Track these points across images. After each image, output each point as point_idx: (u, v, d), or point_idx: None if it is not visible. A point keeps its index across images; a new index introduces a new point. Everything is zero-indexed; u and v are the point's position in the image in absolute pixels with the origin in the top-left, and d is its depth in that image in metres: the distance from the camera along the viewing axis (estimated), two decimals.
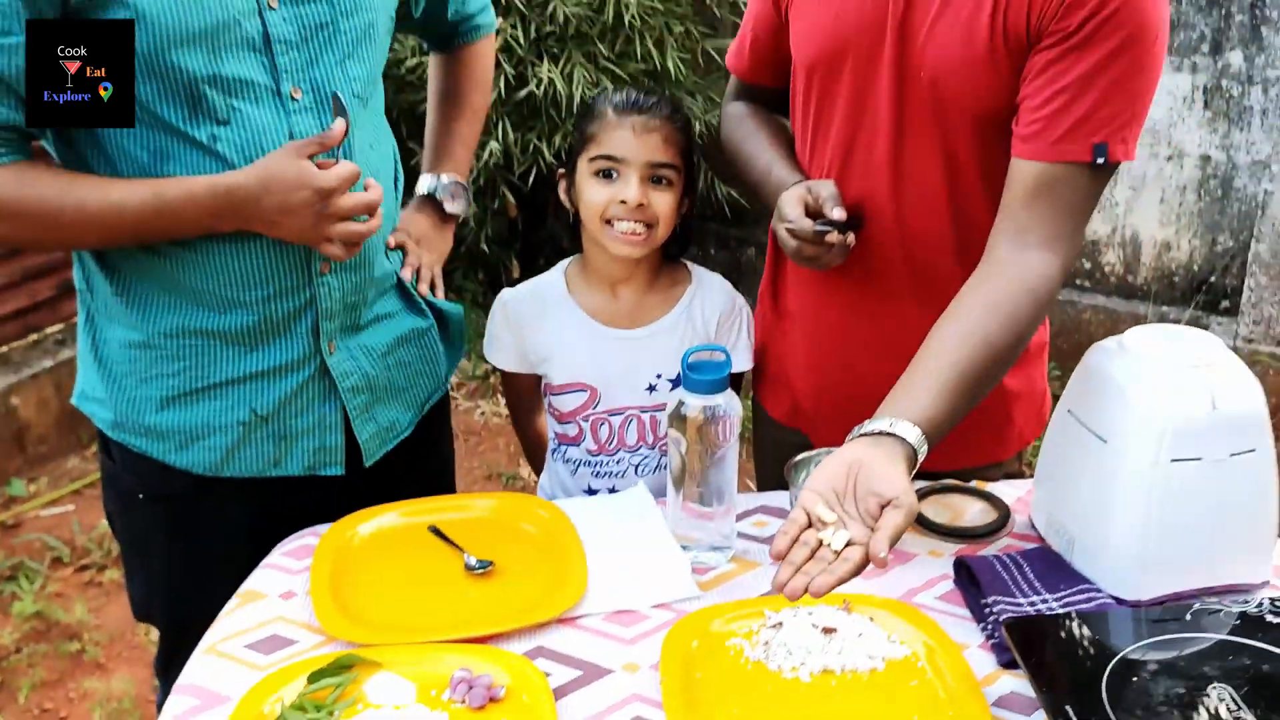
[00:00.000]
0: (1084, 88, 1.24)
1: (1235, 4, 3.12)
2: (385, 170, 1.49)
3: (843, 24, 1.37)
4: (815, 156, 1.46)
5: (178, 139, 1.29)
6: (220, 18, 1.26)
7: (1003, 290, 1.25)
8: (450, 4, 1.62)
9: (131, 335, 1.40)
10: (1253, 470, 1.21)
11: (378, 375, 1.49)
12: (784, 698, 1.11)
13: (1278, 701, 1.02)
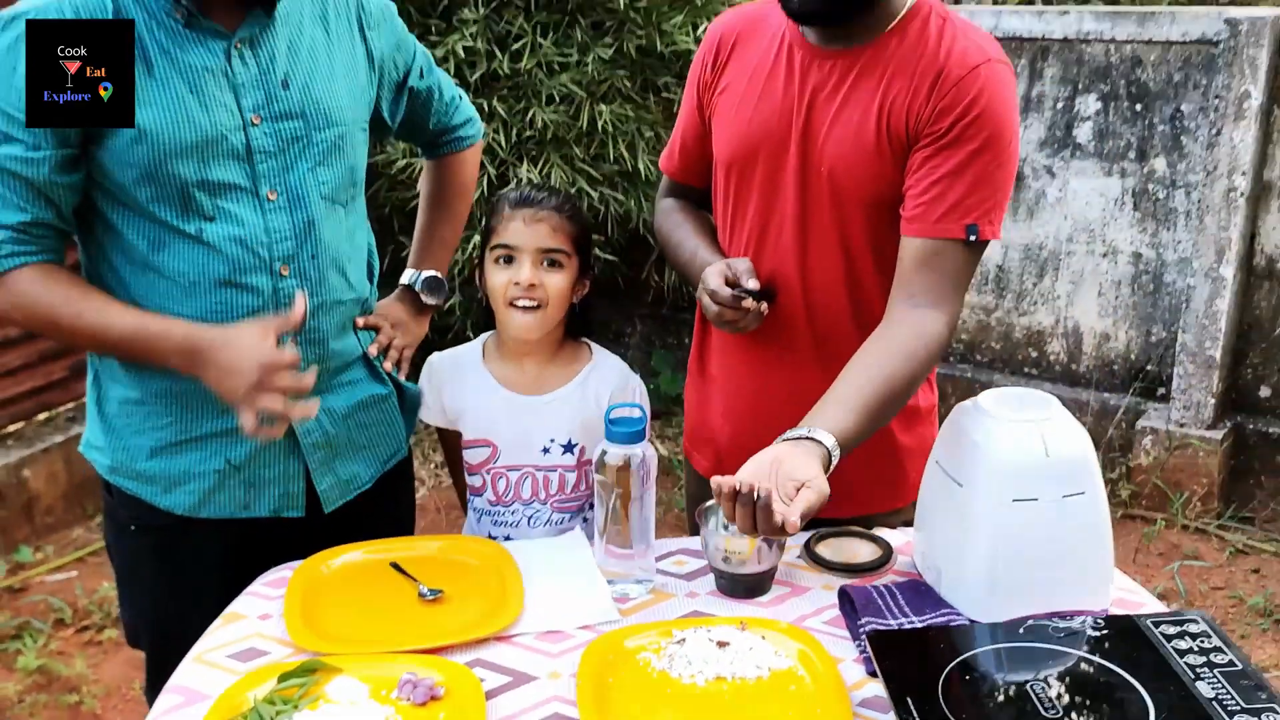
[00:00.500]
0: (955, 179, 1.50)
1: (1157, 115, 3.41)
2: (358, 260, 1.72)
3: (754, 129, 1.62)
4: (734, 240, 1.70)
5: (171, 232, 1.52)
6: (210, 134, 1.50)
7: (900, 338, 1.50)
8: (430, 118, 1.85)
9: (129, 393, 1.62)
10: (1084, 510, 1.41)
11: (338, 434, 1.70)
12: (681, 700, 1.30)
13: (1086, 695, 1.22)
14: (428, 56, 1.84)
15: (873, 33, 1.54)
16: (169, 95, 1.48)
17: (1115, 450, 3.54)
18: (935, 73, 1.49)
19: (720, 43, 1.69)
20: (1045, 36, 3.53)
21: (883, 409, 1.48)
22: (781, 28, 1.62)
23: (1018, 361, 3.80)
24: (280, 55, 1.56)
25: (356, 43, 1.66)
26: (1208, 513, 3.35)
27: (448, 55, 3.24)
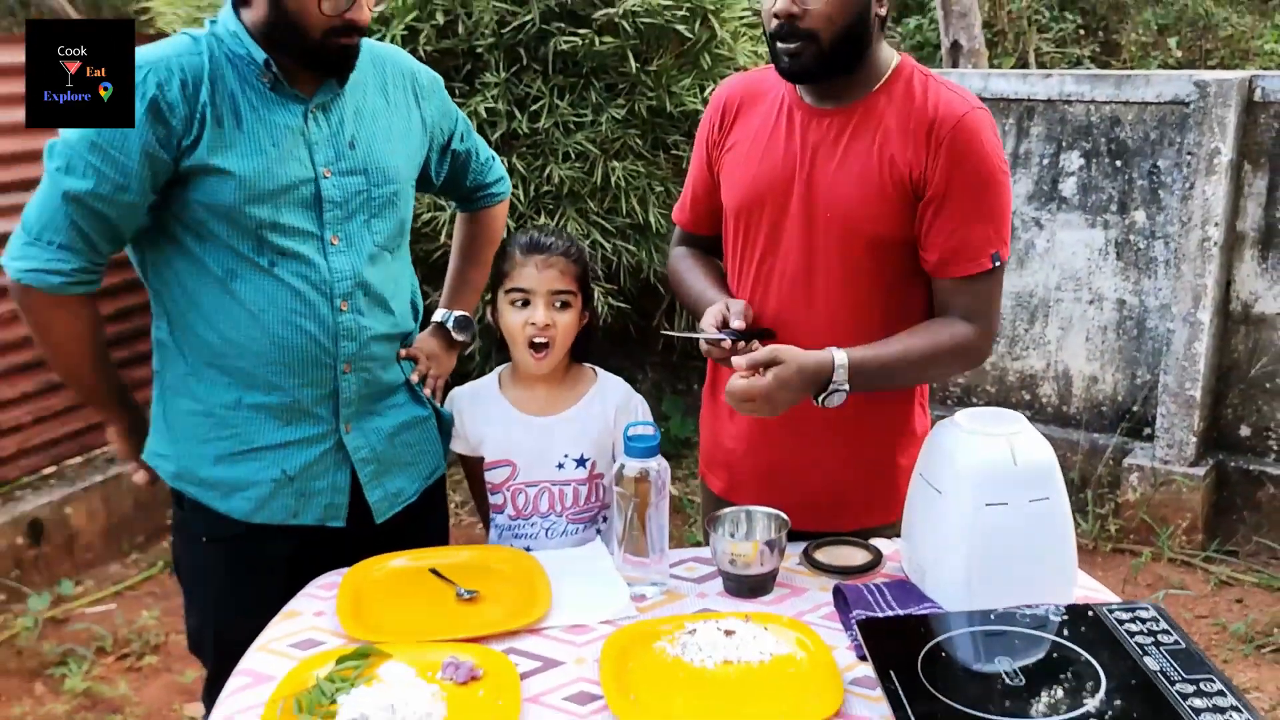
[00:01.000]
0: (972, 221, 1.71)
1: (1136, 170, 3.63)
2: (403, 298, 1.92)
3: (761, 179, 1.80)
4: (742, 279, 1.87)
5: (244, 262, 1.72)
6: (286, 183, 1.71)
7: (929, 327, 1.76)
8: (468, 177, 2.06)
9: (195, 406, 1.80)
10: (1049, 513, 1.59)
11: (385, 450, 1.88)
12: (692, 680, 1.47)
13: (1045, 668, 1.40)
14: (468, 123, 2.06)
15: (862, 91, 1.74)
16: (254, 147, 1.68)
17: (1104, 487, 3.71)
18: (928, 124, 1.68)
19: (726, 105, 1.87)
20: (1030, 98, 3.76)
21: (898, 366, 1.72)
22: (781, 91, 1.81)
23: (1011, 404, 3.98)
24: (349, 119, 1.77)
25: (412, 110, 1.87)
26: (1192, 546, 3.51)
27: (471, 115, 3.47)
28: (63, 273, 1.68)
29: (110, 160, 1.62)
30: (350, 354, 1.79)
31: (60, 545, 3.53)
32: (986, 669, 1.42)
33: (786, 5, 1.64)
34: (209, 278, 1.73)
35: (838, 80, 1.72)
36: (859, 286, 1.78)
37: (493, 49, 3.48)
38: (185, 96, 1.63)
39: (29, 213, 1.69)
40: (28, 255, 1.68)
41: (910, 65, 1.77)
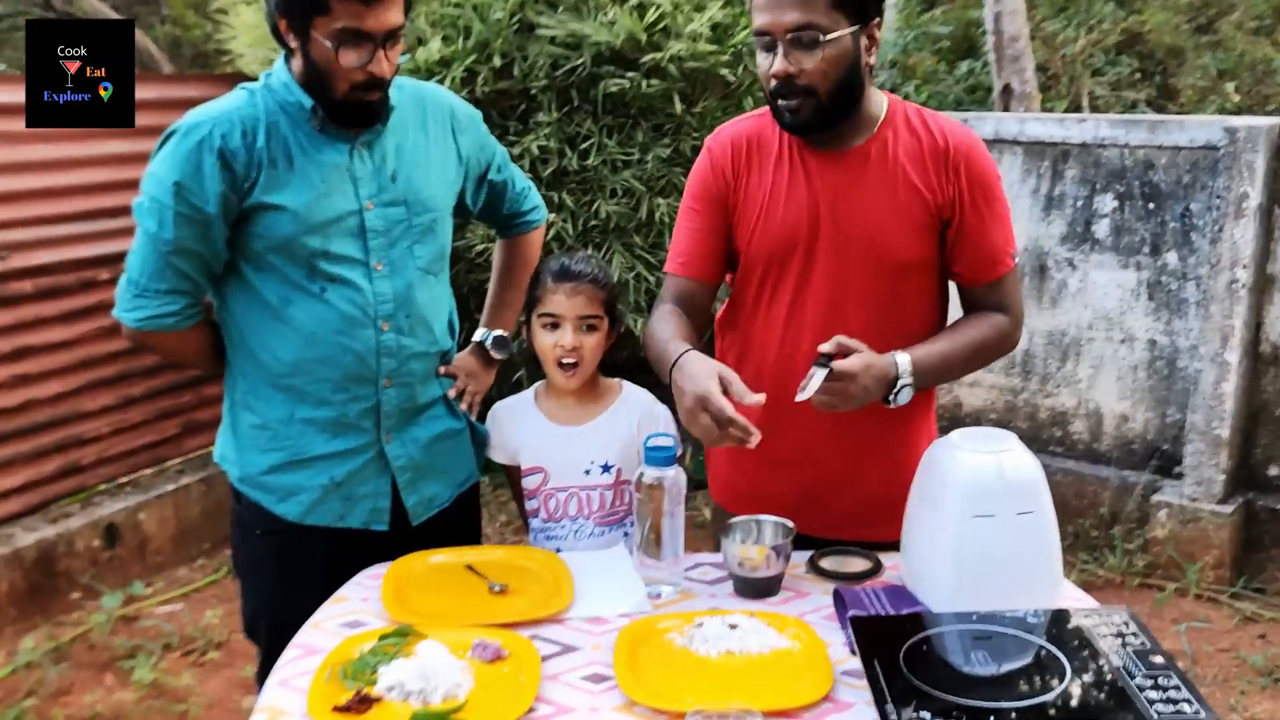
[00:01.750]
0: (991, 230, 1.89)
1: (1169, 213, 3.72)
2: (442, 319, 2.09)
3: (788, 223, 1.88)
4: (769, 319, 1.93)
5: (298, 290, 1.92)
6: (334, 215, 1.90)
7: (970, 322, 1.95)
8: (504, 205, 2.23)
9: (255, 420, 2.00)
10: (1034, 525, 1.71)
11: (422, 459, 2.06)
12: (697, 667, 1.61)
13: (1016, 660, 1.52)
14: (505, 155, 2.23)
15: (865, 132, 1.87)
16: (305, 184, 1.88)
17: (1133, 523, 3.78)
18: (941, 152, 1.84)
19: (734, 151, 1.94)
20: (1065, 141, 3.87)
21: (952, 356, 1.90)
22: (785, 140, 1.91)
23: (1043, 440, 4.07)
24: (390, 155, 1.96)
25: (449, 144, 2.05)
26: (1220, 582, 3.56)
27: (524, 153, 3.68)
28: (173, 313, 1.91)
29: (193, 208, 1.83)
30: (391, 370, 1.98)
31: (133, 548, 3.77)
32: (963, 662, 1.55)
33: (784, 66, 1.75)
34: (265, 306, 1.93)
35: (839, 127, 1.85)
36: (889, 309, 1.91)
37: (546, 90, 3.68)
38: (245, 144, 1.84)
39: (131, 267, 1.90)
40: (139, 305, 1.90)
41: (899, 103, 1.91)
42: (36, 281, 3.57)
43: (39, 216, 3.56)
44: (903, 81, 7.54)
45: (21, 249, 3.53)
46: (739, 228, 1.95)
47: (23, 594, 3.44)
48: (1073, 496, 3.95)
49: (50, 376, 3.61)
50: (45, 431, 3.63)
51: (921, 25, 8.37)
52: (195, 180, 1.82)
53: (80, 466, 3.75)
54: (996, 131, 4.01)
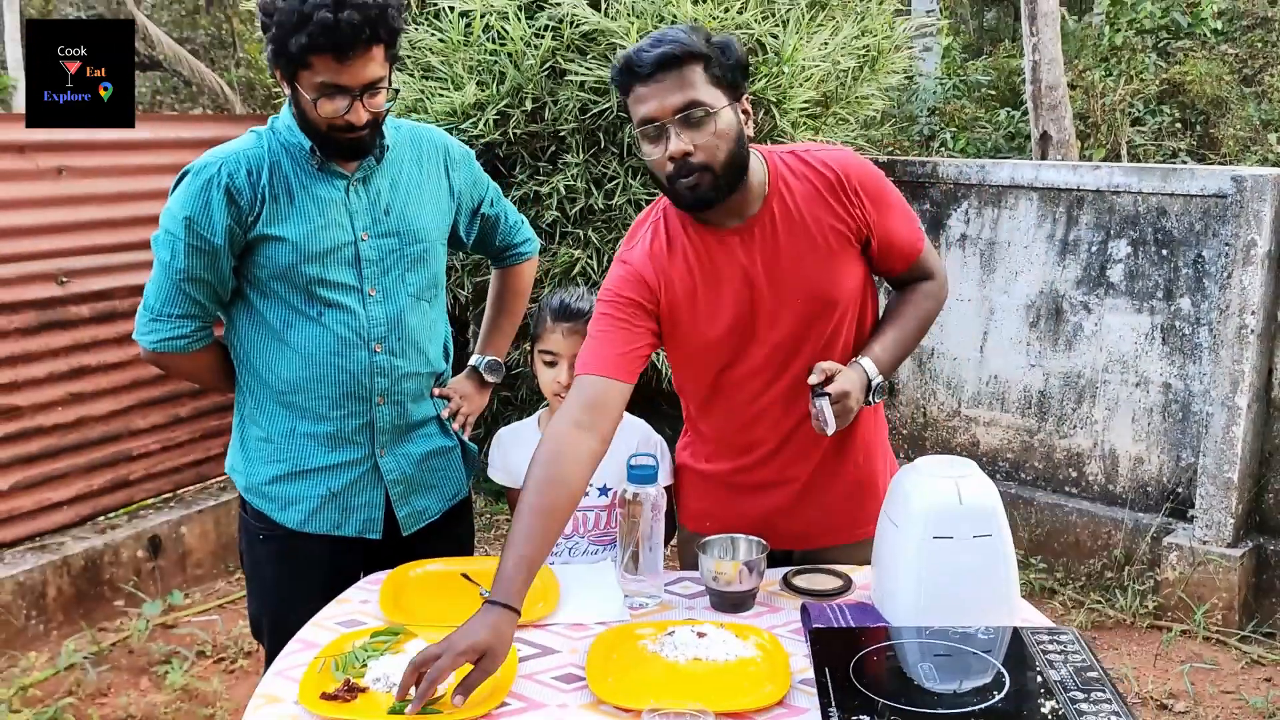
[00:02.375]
0: (900, 225, 2.02)
1: (1181, 259, 3.78)
2: (436, 342, 2.23)
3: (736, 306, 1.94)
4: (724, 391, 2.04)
5: (297, 314, 2.08)
6: (331, 246, 2.06)
7: (905, 298, 2.10)
8: (497, 237, 2.38)
9: (261, 433, 2.16)
10: (991, 548, 1.80)
11: (414, 474, 2.20)
12: (665, 671, 1.72)
13: (958, 670, 1.62)
14: (498, 191, 2.37)
15: (759, 198, 1.93)
16: (304, 217, 2.04)
17: (1144, 564, 3.80)
18: (833, 183, 1.94)
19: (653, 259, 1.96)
20: (1080, 188, 3.96)
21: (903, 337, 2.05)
22: (690, 231, 1.95)
23: (1059, 480, 4.12)
24: (384, 189, 2.11)
25: (441, 179, 2.20)
26: (1229, 625, 3.58)
27: (552, 191, 3.85)
28: (185, 336, 2.09)
29: (203, 240, 2.00)
30: (383, 389, 2.13)
31: (175, 560, 3.96)
32: (911, 673, 1.65)
33: (679, 146, 1.80)
34: (268, 328, 2.09)
35: (735, 198, 1.90)
36: (836, 338, 2.01)
37: (574, 133, 3.85)
38: (250, 182, 2.01)
39: (148, 294, 2.09)
40: (155, 329, 2.08)
41: (772, 155, 1.97)
42: (94, 306, 3.79)
43: (97, 245, 3.78)
44: (942, 128, 7.65)
45: (80, 275, 3.76)
46: (678, 330, 1.99)
47: (69, 599, 3.64)
48: (1087, 537, 3.99)
49: (104, 395, 3.83)
50: (97, 447, 3.85)
51: (963, 74, 8.48)
52: (204, 215, 1.99)
53: (129, 481, 3.96)
54: (1012, 178, 4.11)
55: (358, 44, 1.89)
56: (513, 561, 1.71)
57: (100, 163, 3.78)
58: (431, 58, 3.90)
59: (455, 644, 1.60)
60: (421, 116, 3.84)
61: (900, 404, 4.53)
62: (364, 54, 1.91)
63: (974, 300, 4.27)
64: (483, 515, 4.54)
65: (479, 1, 3.83)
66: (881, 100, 4.71)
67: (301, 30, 1.87)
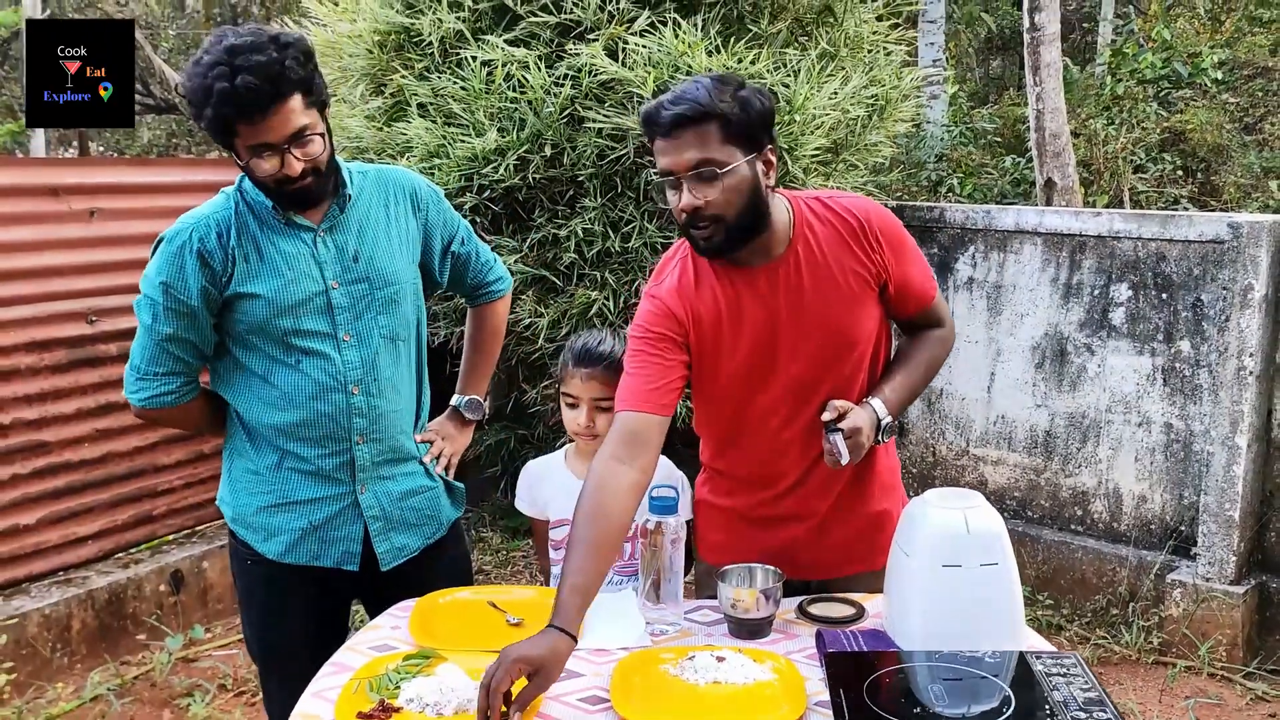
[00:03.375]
0: (914, 271, 2.11)
1: (1181, 303, 3.88)
2: (410, 379, 2.30)
3: (759, 341, 2.04)
4: (745, 425, 2.12)
5: (276, 363, 2.16)
6: (303, 297, 2.14)
7: (916, 344, 2.21)
8: (469, 275, 2.43)
9: (249, 465, 2.24)
10: (997, 576, 1.88)
11: (393, 511, 2.26)
12: (685, 694, 1.79)
13: (965, 693, 1.69)
14: (469, 229, 2.42)
15: (785, 240, 2.02)
16: (275, 272, 2.12)
17: (1149, 601, 3.86)
18: (858, 229, 2.04)
19: (681, 294, 2.05)
20: (1082, 233, 4.06)
21: (913, 381, 2.16)
22: (717, 269, 2.04)
23: (1065, 519, 4.19)
24: (352, 237, 2.19)
25: (410, 220, 2.27)
26: (1233, 661, 3.63)
27: (570, 235, 3.96)
28: (170, 392, 2.18)
29: (180, 303, 2.09)
30: (362, 429, 2.20)
31: (196, 595, 4.03)
32: (920, 694, 1.72)
33: (690, 201, 1.90)
34: (251, 376, 2.18)
35: (756, 243, 2.00)
36: (853, 379, 2.10)
37: (592, 178, 3.97)
38: (221, 244, 2.09)
39: (133, 354, 2.18)
40: (142, 387, 2.18)
41: (798, 199, 2.07)
42: (121, 344, 3.90)
43: (126, 286, 3.87)
44: (950, 174, 7.77)
45: (110, 314, 3.87)
46: (704, 363, 2.07)
47: (93, 633, 3.71)
48: (1093, 574, 4.05)
49: (129, 432, 3.93)
50: (122, 482, 3.93)
51: (970, 122, 8.63)
52: (179, 279, 2.09)
53: (152, 516, 4.04)
54: (1017, 223, 4.22)
55: (262, 103, 1.94)
56: (567, 590, 1.80)
57: (131, 205, 3.90)
58: (454, 105, 4.03)
59: (510, 654, 1.69)
60: (443, 162, 3.96)
61: (910, 443, 4.61)
62: (276, 109, 1.96)
63: (981, 342, 4.37)
64: (500, 551, 4.61)
65: (500, 51, 3.97)
66: (890, 147, 4.83)
67: (207, 103, 1.94)
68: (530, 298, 4.02)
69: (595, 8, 3.98)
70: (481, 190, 3.98)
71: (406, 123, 4.15)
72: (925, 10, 8.31)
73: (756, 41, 4.11)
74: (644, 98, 3.81)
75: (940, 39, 8.82)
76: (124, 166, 4.21)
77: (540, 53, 4.00)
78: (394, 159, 4.10)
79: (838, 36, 4.40)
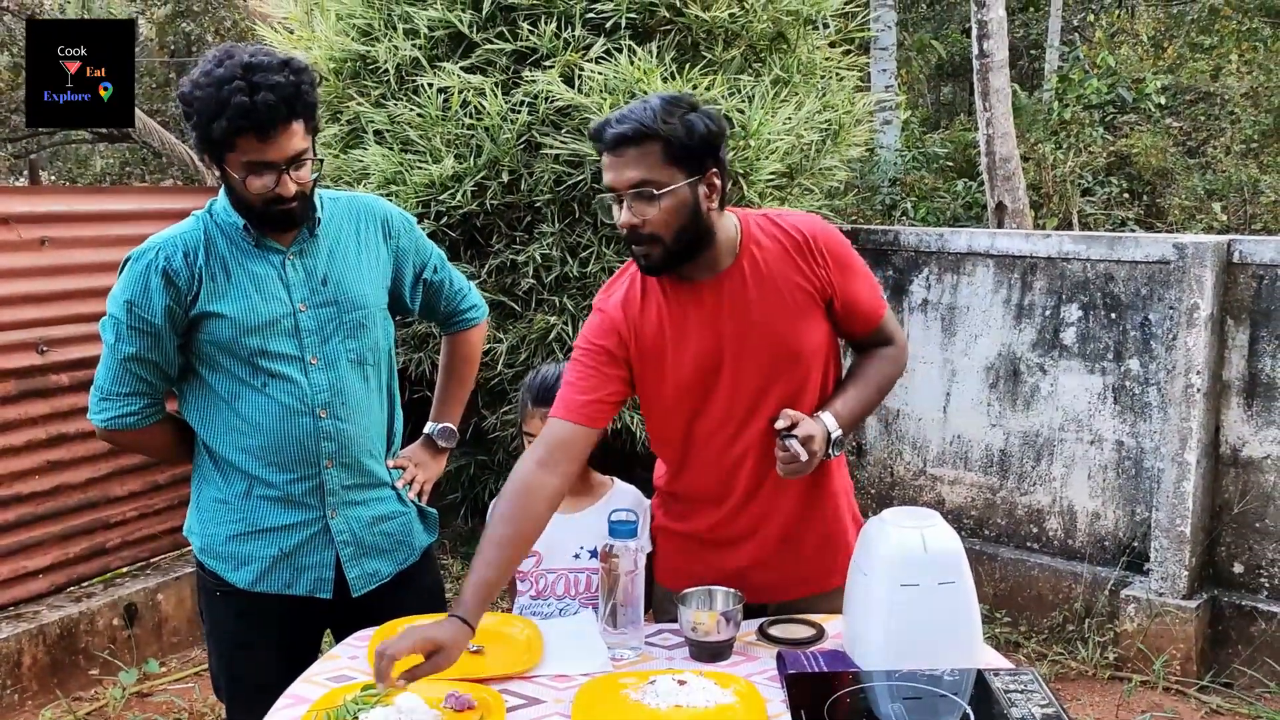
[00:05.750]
0: (862, 289, 2.14)
1: (1129, 322, 3.95)
2: (381, 403, 2.29)
3: (703, 354, 2.05)
4: (694, 439, 2.13)
5: (243, 385, 2.15)
6: (269, 319, 2.13)
7: (868, 361, 2.21)
8: (442, 303, 2.42)
9: (217, 494, 2.22)
10: (955, 594, 1.90)
11: (364, 537, 2.25)
12: (647, 717, 1.80)
13: (924, 711, 1.70)
14: (442, 257, 2.42)
15: (730, 254, 2.05)
16: (241, 293, 2.12)
17: (1103, 617, 3.92)
18: (802, 244, 2.06)
19: (625, 308, 2.09)
20: (1033, 255, 4.14)
21: (865, 397, 2.17)
22: (661, 282, 2.07)
23: (1021, 536, 4.24)
24: (321, 260, 2.19)
25: (380, 247, 2.27)
26: (1188, 675, 3.69)
27: (529, 260, 3.97)
28: (134, 413, 2.17)
29: (144, 321, 2.08)
30: (331, 453, 2.19)
31: (151, 628, 3.96)
32: (880, 713, 1.74)
33: (628, 218, 1.95)
34: (217, 400, 2.17)
35: (700, 259, 2.02)
36: (801, 393, 2.11)
37: (550, 203, 3.99)
38: (187, 263, 2.09)
39: (98, 375, 2.17)
40: (105, 408, 2.16)
41: (746, 217, 2.10)
42: (73, 374, 3.84)
43: (78, 315, 3.84)
44: (903, 198, 7.88)
45: (60, 344, 3.82)
46: (647, 377, 2.10)
47: (44, 668, 3.64)
48: (1049, 591, 4.10)
49: (82, 463, 3.86)
50: (74, 514, 3.86)
51: (922, 146, 8.76)
52: (143, 298, 2.08)
53: (105, 549, 3.97)
54: (970, 246, 4.28)
55: (276, 122, 1.97)
56: (474, 585, 1.92)
57: (81, 234, 3.85)
58: (410, 131, 4.04)
59: (416, 633, 1.84)
60: (400, 188, 3.96)
61: (868, 464, 4.65)
62: (284, 131, 2.00)
63: (936, 363, 4.42)
64: (461, 578, 4.56)
65: (457, 78, 3.98)
66: (844, 171, 4.90)
67: (221, 116, 1.95)
68: (489, 323, 4.01)
69: (551, 35, 4.00)
70: (439, 217, 3.98)
71: (363, 149, 4.15)
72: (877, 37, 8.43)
73: (711, 68, 4.15)
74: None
75: (892, 65, 8.96)
76: (75, 195, 4.17)
77: (497, 79, 4.02)
78: (351, 186, 4.09)
79: (791, 63, 4.46)
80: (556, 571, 2.35)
